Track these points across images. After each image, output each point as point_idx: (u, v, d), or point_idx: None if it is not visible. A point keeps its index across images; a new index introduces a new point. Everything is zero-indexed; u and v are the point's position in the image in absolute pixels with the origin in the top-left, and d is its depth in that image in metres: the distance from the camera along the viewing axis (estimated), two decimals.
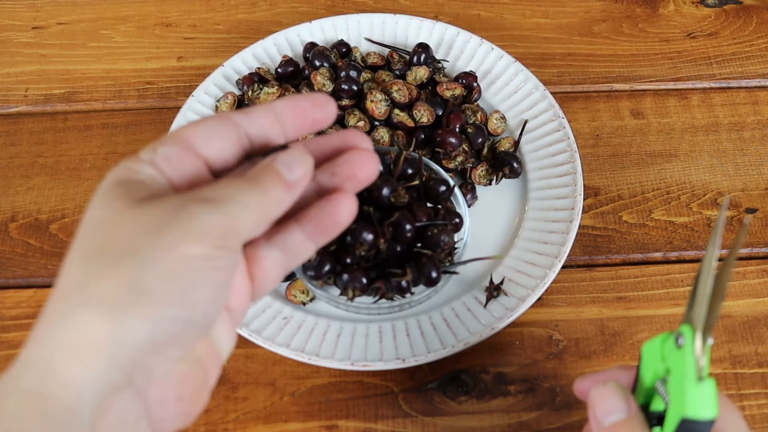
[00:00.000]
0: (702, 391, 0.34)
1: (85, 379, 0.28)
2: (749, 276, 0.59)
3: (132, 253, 0.29)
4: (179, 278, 0.29)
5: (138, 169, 0.32)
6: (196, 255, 0.29)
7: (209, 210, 0.30)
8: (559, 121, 0.63)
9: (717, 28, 0.74)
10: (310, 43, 0.68)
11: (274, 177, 0.32)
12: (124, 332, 0.28)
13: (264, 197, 0.32)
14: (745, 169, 0.65)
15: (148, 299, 0.28)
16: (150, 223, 0.29)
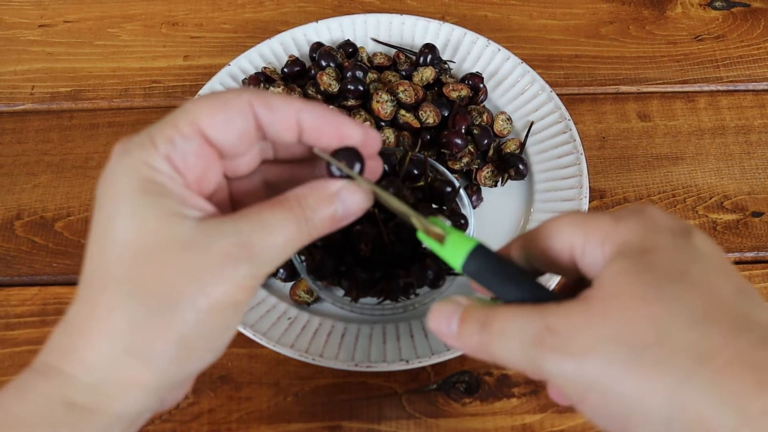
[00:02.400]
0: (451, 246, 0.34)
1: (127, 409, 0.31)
2: (755, 280, 0.59)
3: (181, 307, 0.30)
4: (215, 330, 0.31)
5: (156, 166, 0.31)
6: (232, 305, 0.31)
7: (251, 264, 0.31)
8: (566, 123, 0.63)
9: (724, 30, 0.73)
10: (317, 43, 0.68)
11: (325, 212, 0.33)
12: (163, 379, 0.31)
13: (305, 236, 0.33)
14: (752, 173, 0.64)
15: (190, 354, 0.31)
16: (198, 274, 0.30)
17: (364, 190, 0.34)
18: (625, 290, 0.29)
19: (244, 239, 0.31)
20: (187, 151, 0.32)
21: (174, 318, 0.30)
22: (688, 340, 0.28)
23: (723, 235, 0.61)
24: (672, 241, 0.31)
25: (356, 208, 0.34)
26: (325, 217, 0.33)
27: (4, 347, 0.55)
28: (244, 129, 0.33)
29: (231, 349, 0.56)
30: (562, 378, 0.29)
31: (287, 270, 0.56)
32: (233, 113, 0.33)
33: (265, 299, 0.56)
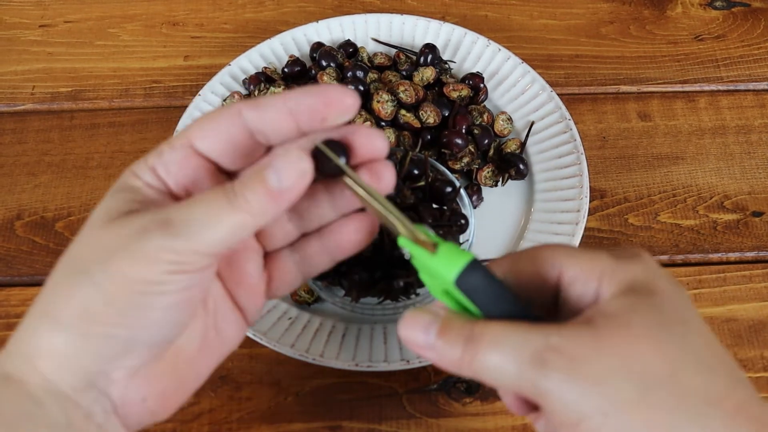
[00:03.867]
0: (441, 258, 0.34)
1: (50, 378, 0.31)
2: (755, 280, 0.59)
3: (84, 277, 0.31)
4: (121, 302, 0.31)
5: (139, 174, 0.33)
6: (141, 280, 0.30)
7: (164, 235, 0.30)
8: (566, 122, 0.63)
9: (725, 30, 0.73)
10: (317, 42, 0.68)
11: (258, 187, 0.31)
12: (73, 349, 0.31)
13: (241, 213, 0.31)
14: (752, 173, 0.64)
15: (92, 321, 0.31)
16: (108, 245, 0.31)
17: (303, 154, 0.32)
18: (635, 325, 0.30)
19: (163, 215, 0.31)
20: (170, 160, 0.33)
21: (78, 284, 0.31)
22: (698, 383, 0.28)
23: (723, 235, 0.61)
24: (672, 288, 0.32)
25: (294, 176, 0.31)
26: (259, 190, 0.31)
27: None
28: (231, 134, 0.34)
29: None
30: (562, 400, 0.29)
31: None
32: (220, 121, 0.34)
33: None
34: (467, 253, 0.34)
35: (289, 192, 0.32)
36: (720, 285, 0.59)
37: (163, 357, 0.34)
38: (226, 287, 0.37)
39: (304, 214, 0.38)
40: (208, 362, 0.37)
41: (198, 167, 0.34)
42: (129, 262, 0.30)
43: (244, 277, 0.37)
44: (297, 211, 0.37)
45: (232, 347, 0.38)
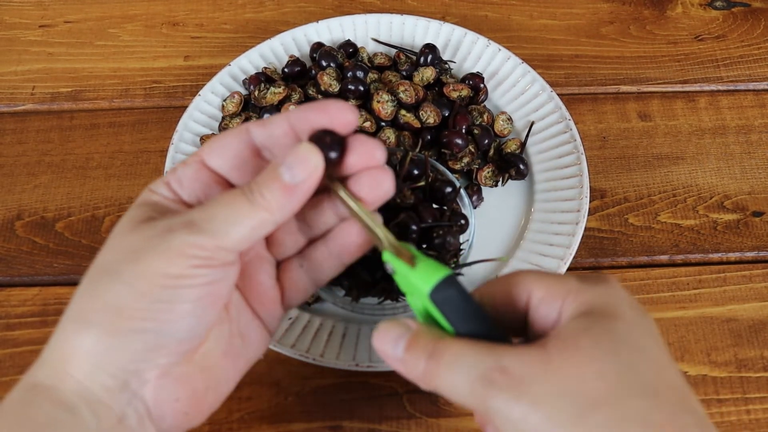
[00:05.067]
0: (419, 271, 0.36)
1: (82, 381, 0.32)
2: (755, 280, 0.59)
3: (114, 277, 0.32)
4: (150, 296, 0.32)
5: (156, 189, 0.35)
6: (169, 274, 0.32)
7: (189, 233, 0.32)
8: (566, 122, 0.63)
9: (725, 30, 0.73)
10: (317, 43, 0.68)
11: (273, 184, 0.33)
12: (105, 346, 0.32)
13: (259, 210, 0.33)
14: (752, 172, 0.64)
15: (123, 317, 0.32)
16: (135, 246, 0.32)
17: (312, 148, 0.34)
18: (584, 347, 0.30)
19: (187, 217, 0.33)
20: (183, 175, 0.36)
21: (107, 285, 0.32)
22: (638, 408, 0.29)
23: (723, 235, 0.61)
24: (633, 314, 0.33)
25: (307, 170, 0.33)
26: (274, 187, 0.33)
27: (5, 348, 0.55)
28: (239, 150, 0.36)
29: None
30: (506, 419, 0.30)
31: None
32: (229, 139, 0.36)
33: None
34: (445, 269, 0.35)
35: (303, 186, 0.33)
36: (720, 285, 0.59)
37: (192, 359, 0.35)
38: (244, 296, 0.38)
39: (310, 221, 0.39)
40: (235, 367, 0.38)
41: (209, 181, 0.36)
42: (157, 259, 0.32)
43: (259, 286, 0.39)
44: (303, 218, 0.39)
45: (257, 355, 0.40)
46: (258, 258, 0.39)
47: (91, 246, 0.60)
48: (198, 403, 0.36)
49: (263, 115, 0.61)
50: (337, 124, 0.35)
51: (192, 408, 0.36)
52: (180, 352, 0.34)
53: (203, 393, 0.36)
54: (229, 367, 0.38)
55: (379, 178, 0.37)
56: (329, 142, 0.35)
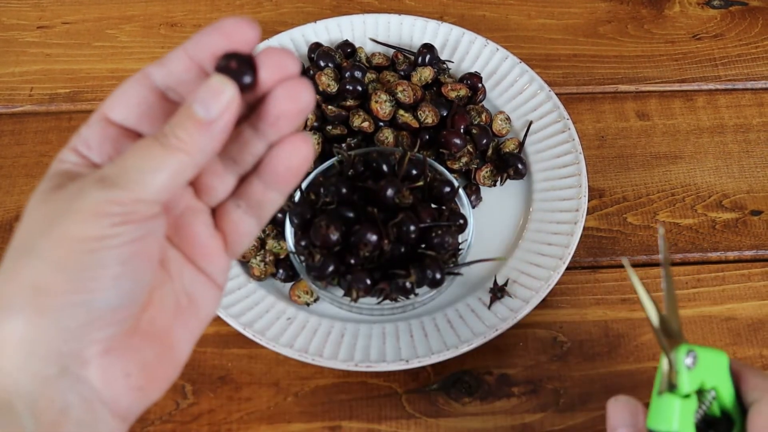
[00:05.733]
0: (659, 404, 0.37)
1: (12, 374, 0.29)
2: (754, 278, 0.59)
3: (27, 252, 0.29)
4: (71, 265, 0.29)
5: (64, 158, 0.32)
6: (87, 238, 0.29)
7: (102, 189, 0.29)
8: (564, 122, 0.63)
9: (723, 29, 0.73)
10: (315, 43, 0.68)
11: (187, 123, 0.30)
12: (35, 330, 0.29)
13: (176, 153, 0.30)
14: (751, 171, 0.64)
15: (46, 294, 0.29)
16: (47, 215, 0.30)
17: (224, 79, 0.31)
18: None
19: (98, 174, 0.30)
20: (89, 136, 0.32)
21: (23, 263, 0.29)
22: None
23: (722, 234, 0.61)
24: None
25: (224, 103, 0.30)
26: (190, 126, 0.30)
27: None
28: (142, 98, 0.33)
29: (231, 349, 0.56)
30: None
31: (287, 270, 0.56)
32: (128, 86, 0.33)
33: (264, 299, 0.56)
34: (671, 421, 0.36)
35: (220, 121, 0.30)
36: (719, 284, 0.59)
37: (138, 328, 0.33)
38: (183, 253, 0.35)
39: (235, 157, 0.35)
40: (187, 330, 0.35)
41: (118, 137, 0.33)
42: (71, 223, 0.29)
43: (196, 239, 0.35)
44: (227, 155, 0.35)
45: (210, 314, 0.36)
46: (189, 210, 0.35)
47: None
48: (152, 376, 0.33)
49: None
50: (238, 42, 0.32)
51: (147, 381, 0.33)
52: (118, 321, 0.31)
53: (156, 363, 0.33)
54: (180, 330, 0.35)
55: (296, 89, 0.32)
56: (237, 66, 0.31)
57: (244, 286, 0.56)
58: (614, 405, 0.40)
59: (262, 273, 0.56)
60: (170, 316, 0.34)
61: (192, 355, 0.55)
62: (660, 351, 0.38)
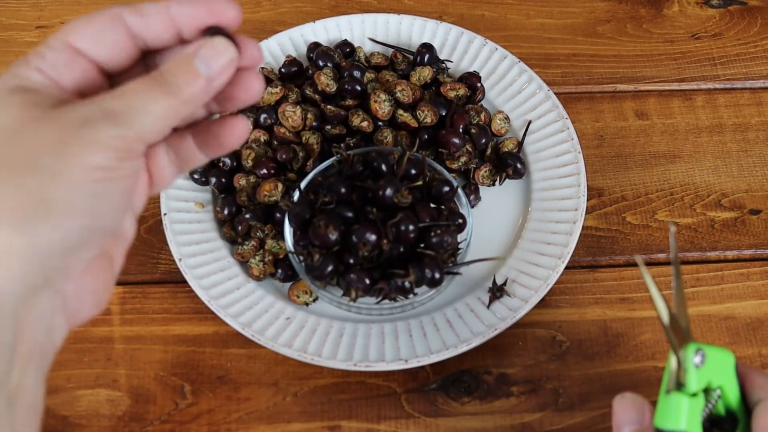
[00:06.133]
0: (667, 402, 0.36)
1: (5, 283, 0.30)
2: (753, 277, 0.59)
3: (38, 168, 0.30)
4: (85, 190, 0.31)
5: (28, 76, 0.32)
6: (100, 167, 0.31)
7: (112, 125, 0.31)
8: (563, 121, 0.63)
9: (721, 28, 0.73)
10: (314, 43, 0.68)
11: (189, 75, 0.32)
12: (36, 243, 0.30)
13: (174, 99, 0.32)
14: (749, 170, 0.64)
15: (57, 211, 0.30)
16: (55, 137, 0.30)
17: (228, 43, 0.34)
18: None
19: (103, 105, 0.31)
20: (57, 61, 0.33)
21: (31, 179, 0.30)
22: None
23: (721, 233, 0.61)
24: None
25: (224, 64, 0.33)
26: (191, 79, 0.32)
27: None
28: (114, 36, 0.34)
29: (230, 349, 0.56)
30: None
31: (285, 270, 0.56)
32: (101, 24, 0.34)
33: (263, 299, 0.56)
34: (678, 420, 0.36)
35: (217, 79, 0.33)
36: (718, 283, 0.59)
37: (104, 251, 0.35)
38: None
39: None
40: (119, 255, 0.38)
41: (85, 69, 0.34)
42: (86, 151, 0.30)
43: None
44: None
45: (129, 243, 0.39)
46: None
47: None
48: (107, 291, 0.36)
49: (261, 115, 0.61)
50: (219, 19, 0.34)
51: (103, 297, 0.36)
52: (101, 244, 0.34)
53: (109, 280, 0.36)
54: (117, 255, 0.37)
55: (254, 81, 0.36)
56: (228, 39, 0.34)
57: (243, 285, 0.56)
58: (620, 402, 0.40)
59: (261, 273, 0.56)
60: (112, 242, 0.37)
61: (191, 354, 0.56)
62: (663, 349, 0.38)
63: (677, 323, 0.38)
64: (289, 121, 0.60)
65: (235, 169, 0.60)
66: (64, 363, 0.55)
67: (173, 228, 0.57)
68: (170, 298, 0.58)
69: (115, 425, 0.53)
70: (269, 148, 0.60)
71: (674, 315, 0.39)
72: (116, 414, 0.53)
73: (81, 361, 0.55)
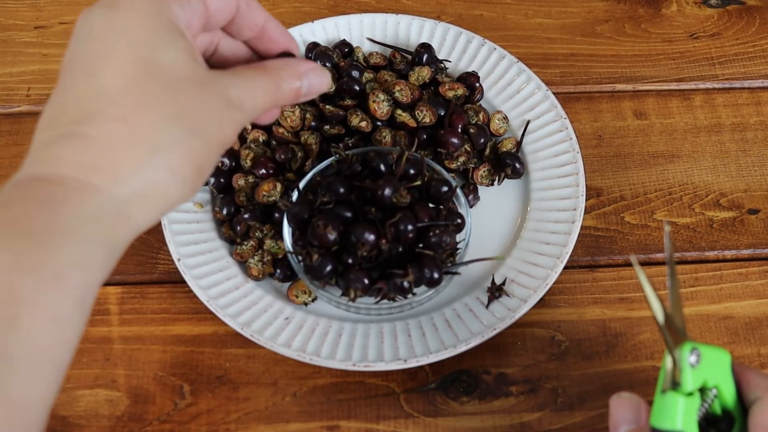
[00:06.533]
0: (663, 402, 0.37)
1: (143, 224, 0.34)
2: (751, 277, 0.59)
3: (203, 135, 0.34)
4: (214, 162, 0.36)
5: (177, 13, 0.35)
6: (226, 144, 0.36)
7: (239, 112, 0.36)
8: (562, 121, 0.63)
9: (720, 28, 0.74)
10: (313, 43, 0.68)
11: (294, 89, 0.38)
12: (180, 201, 0.34)
13: (276, 102, 0.38)
14: (748, 170, 0.64)
15: (201, 180, 0.35)
16: (217, 113, 0.35)
17: (327, 74, 0.40)
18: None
19: (239, 92, 0.36)
20: (196, 10, 0.36)
21: (200, 144, 0.34)
22: None
23: (719, 233, 0.61)
24: None
25: (318, 89, 0.40)
26: (293, 89, 0.38)
27: None
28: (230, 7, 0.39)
29: (229, 349, 0.56)
30: None
31: (284, 270, 0.56)
32: None
33: (262, 299, 0.56)
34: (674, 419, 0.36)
35: (304, 98, 0.39)
36: (716, 283, 0.59)
37: None
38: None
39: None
40: None
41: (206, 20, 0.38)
42: (226, 130, 0.35)
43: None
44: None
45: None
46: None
47: None
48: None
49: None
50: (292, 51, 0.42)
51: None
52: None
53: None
54: None
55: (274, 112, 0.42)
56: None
57: (241, 285, 0.56)
58: (617, 402, 0.40)
59: (260, 273, 0.56)
60: None
61: (190, 354, 0.56)
62: (662, 349, 0.38)
63: (672, 323, 0.38)
64: (287, 121, 0.60)
65: (234, 169, 0.60)
66: None
67: (172, 228, 0.57)
68: (169, 299, 0.58)
69: (114, 425, 0.53)
70: (268, 148, 0.60)
71: (669, 314, 0.39)
72: (115, 414, 0.53)
73: (80, 362, 0.55)
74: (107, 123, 0.32)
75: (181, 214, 0.59)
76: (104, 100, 0.33)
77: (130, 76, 0.33)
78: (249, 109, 0.36)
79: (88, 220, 0.31)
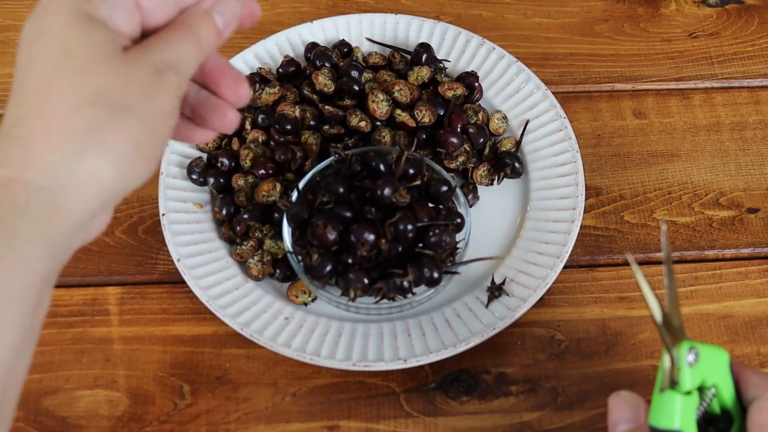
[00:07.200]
0: (661, 401, 0.37)
1: (80, 213, 0.33)
2: (751, 276, 0.59)
3: (134, 112, 0.33)
4: (159, 134, 0.35)
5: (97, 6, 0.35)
6: (170, 114, 0.35)
7: (176, 74, 0.35)
8: (561, 121, 0.63)
9: (719, 27, 0.74)
10: (312, 43, 0.68)
11: (210, 28, 0.37)
12: (124, 182, 0.34)
13: (201, 50, 0.37)
14: (747, 169, 0.64)
15: (146, 157, 0.34)
16: (142, 84, 0.34)
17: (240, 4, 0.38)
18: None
19: (163, 55, 0.35)
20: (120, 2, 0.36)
21: (129, 120, 0.33)
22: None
23: (719, 232, 0.61)
24: None
25: (234, 18, 0.38)
26: (210, 32, 0.37)
27: None
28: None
29: (228, 349, 0.56)
30: None
31: (284, 270, 0.56)
32: None
33: (261, 299, 0.56)
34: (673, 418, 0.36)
35: (227, 31, 0.38)
36: (716, 282, 0.59)
37: None
38: None
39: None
40: None
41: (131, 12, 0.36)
42: (163, 99, 0.34)
43: None
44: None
45: None
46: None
47: (87, 248, 0.60)
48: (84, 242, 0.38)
49: (258, 115, 0.61)
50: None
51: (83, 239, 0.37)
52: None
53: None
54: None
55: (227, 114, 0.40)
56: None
57: (241, 286, 0.56)
58: (615, 400, 0.40)
59: (260, 273, 0.56)
60: None
61: (189, 355, 0.56)
62: (661, 348, 0.38)
63: (670, 322, 0.38)
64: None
65: (234, 169, 0.60)
66: (63, 364, 0.55)
67: (171, 228, 0.57)
68: (169, 299, 0.58)
69: (114, 426, 0.53)
70: (267, 149, 0.60)
71: (667, 313, 0.39)
72: (115, 414, 0.53)
73: (80, 362, 0.55)
74: (30, 121, 0.33)
75: (181, 214, 0.59)
76: (28, 101, 0.33)
77: (48, 70, 0.34)
78: (180, 69, 0.35)
79: (17, 212, 0.31)
